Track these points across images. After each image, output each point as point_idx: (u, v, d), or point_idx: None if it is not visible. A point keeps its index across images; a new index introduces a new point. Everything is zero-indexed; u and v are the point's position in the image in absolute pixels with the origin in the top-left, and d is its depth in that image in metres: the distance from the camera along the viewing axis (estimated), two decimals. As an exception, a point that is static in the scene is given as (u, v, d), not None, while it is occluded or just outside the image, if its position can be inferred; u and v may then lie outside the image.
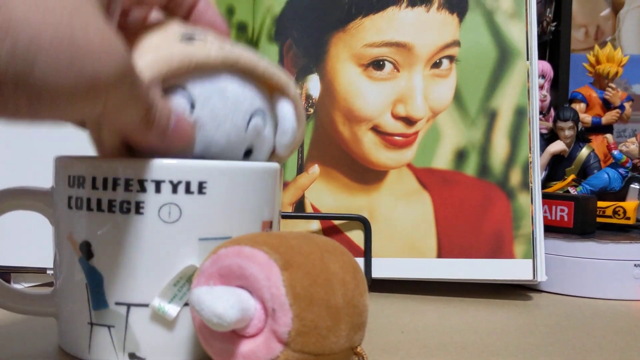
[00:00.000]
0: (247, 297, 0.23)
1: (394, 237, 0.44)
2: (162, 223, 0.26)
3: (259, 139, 0.29)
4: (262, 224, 0.29)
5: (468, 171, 0.44)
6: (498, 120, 0.44)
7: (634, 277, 0.45)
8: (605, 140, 0.67)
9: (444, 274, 0.43)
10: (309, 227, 0.44)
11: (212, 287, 0.23)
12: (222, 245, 0.24)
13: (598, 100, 0.68)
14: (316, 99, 0.45)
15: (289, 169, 0.45)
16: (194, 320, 0.24)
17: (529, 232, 0.43)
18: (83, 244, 0.26)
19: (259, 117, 0.28)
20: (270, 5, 0.47)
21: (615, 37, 1.07)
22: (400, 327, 0.35)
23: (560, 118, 0.61)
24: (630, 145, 0.56)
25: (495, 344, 0.33)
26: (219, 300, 0.22)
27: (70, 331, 0.28)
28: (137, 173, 0.26)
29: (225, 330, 0.23)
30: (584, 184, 0.54)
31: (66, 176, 0.27)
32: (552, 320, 0.38)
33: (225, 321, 0.22)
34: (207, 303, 0.22)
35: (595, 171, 0.57)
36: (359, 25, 0.45)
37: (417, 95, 0.44)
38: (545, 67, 0.68)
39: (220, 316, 0.22)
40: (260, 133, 0.29)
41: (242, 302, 0.23)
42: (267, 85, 0.29)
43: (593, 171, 0.57)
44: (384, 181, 0.44)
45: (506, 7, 0.45)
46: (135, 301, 0.26)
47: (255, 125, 0.28)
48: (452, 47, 0.45)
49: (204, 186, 0.26)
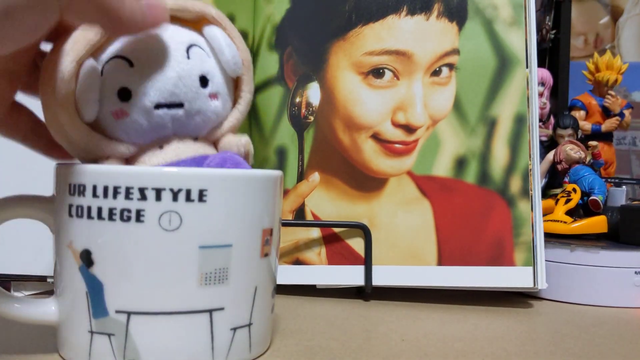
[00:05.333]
0: None
1: (394, 245, 0.44)
2: (163, 231, 0.26)
3: (208, 65, 0.30)
4: (263, 232, 0.29)
5: (468, 179, 0.44)
6: (498, 127, 0.44)
7: (634, 284, 0.45)
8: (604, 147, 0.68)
9: (444, 281, 0.43)
10: (309, 235, 0.44)
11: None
12: None
13: (598, 108, 0.68)
14: (316, 106, 0.45)
15: (289, 177, 0.45)
16: None
17: (529, 239, 0.43)
18: (83, 252, 0.26)
19: (196, 47, 0.29)
20: (270, 14, 0.47)
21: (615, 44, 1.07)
22: (401, 334, 0.35)
23: (560, 125, 0.61)
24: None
25: (495, 352, 0.32)
26: None
27: (71, 339, 0.28)
28: (137, 181, 0.26)
29: None
30: (597, 193, 0.53)
31: (67, 184, 0.27)
32: (552, 327, 0.38)
33: None
34: None
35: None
36: (358, 34, 0.45)
37: (417, 103, 0.44)
38: (545, 74, 0.68)
39: None
40: (205, 60, 0.30)
41: None
42: (190, 23, 0.31)
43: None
44: (384, 189, 0.44)
45: (505, 16, 0.45)
46: (135, 309, 0.26)
47: (196, 52, 0.29)
48: (452, 55, 0.45)
49: (204, 194, 0.26)
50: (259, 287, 0.29)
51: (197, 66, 0.29)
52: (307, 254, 0.44)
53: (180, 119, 0.29)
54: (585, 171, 0.53)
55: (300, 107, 0.46)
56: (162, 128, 0.29)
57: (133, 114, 0.28)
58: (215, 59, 0.30)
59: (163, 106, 0.28)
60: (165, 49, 0.28)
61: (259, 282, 0.29)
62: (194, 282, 0.26)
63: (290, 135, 0.46)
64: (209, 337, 0.27)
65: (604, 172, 0.66)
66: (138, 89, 0.28)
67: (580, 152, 0.55)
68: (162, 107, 0.28)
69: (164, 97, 0.28)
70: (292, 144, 0.45)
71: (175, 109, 0.28)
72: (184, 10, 0.30)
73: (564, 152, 0.55)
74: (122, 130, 0.28)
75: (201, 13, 0.30)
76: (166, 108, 0.28)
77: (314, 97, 0.45)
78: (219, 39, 0.30)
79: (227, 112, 0.31)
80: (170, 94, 0.28)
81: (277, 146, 0.46)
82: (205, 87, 0.29)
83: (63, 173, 0.28)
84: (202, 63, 0.29)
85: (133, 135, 0.29)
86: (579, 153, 0.55)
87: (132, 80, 0.28)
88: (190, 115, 0.29)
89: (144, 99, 0.28)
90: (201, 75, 0.29)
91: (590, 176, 0.52)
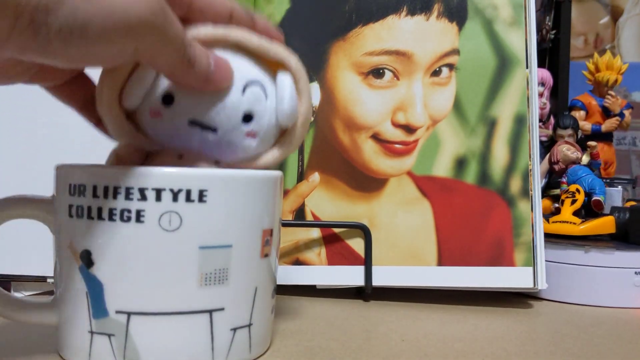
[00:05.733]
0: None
1: (394, 245, 0.44)
2: (163, 231, 0.26)
3: (259, 106, 0.29)
4: (263, 232, 0.29)
5: (468, 179, 0.44)
6: (498, 128, 0.44)
7: (634, 284, 0.45)
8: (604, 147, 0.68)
9: (444, 281, 0.43)
10: (309, 235, 0.44)
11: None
12: None
13: (598, 108, 0.68)
14: (316, 107, 0.45)
15: (289, 177, 0.45)
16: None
17: (530, 239, 0.43)
18: (83, 252, 0.26)
19: (256, 86, 0.29)
20: (270, 14, 0.47)
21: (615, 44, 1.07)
22: (401, 335, 0.35)
23: (560, 126, 0.61)
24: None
25: (495, 352, 0.32)
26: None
27: (71, 340, 0.28)
28: (137, 181, 0.26)
29: None
30: (598, 193, 0.53)
31: (67, 184, 0.27)
32: (552, 328, 0.38)
33: None
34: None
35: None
36: (359, 34, 0.45)
37: (417, 103, 0.44)
38: (545, 74, 0.68)
39: None
40: (260, 101, 0.29)
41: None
42: (269, 64, 0.30)
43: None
44: (384, 189, 0.44)
45: (505, 16, 0.45)
46: (135, 310, 0.26)
47: (253, 91, 0.29)
48: (452, 55, 0.45)
49: (204, 194, 0.26)
50: (259, 287, 0.29)
51: (247, 103, 0.29)
52: (307, 254, 0.44)
53: (209, 143, 0.29)
54: (583, 171, 0.52)
55: (300, 107, 0.45)
56: (187, 142, 0.29)
57: (167, 119, 0.28)
58: (273, 102, 0.30)
59: (197, 125, 0.28)
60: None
61: (259, 283, 0.29)
62: (194, 283, 0.26)
63: (290, 136, 0.45)
64: (209, 338, 0.27)
65: (604, 172, 0.66)
66: (181, 100, 0.28)
67: (577, 152, 0.55)
68: (196, 126, 0.28)
69: (201, 117, 0.28)
70: (292, 144, 0.45)
71: (207, 131, 0.28)
72: (267, 51, 0.30)
73: (561, 153, 0.55)
74: (151, 127, 0.29)
75: (284, 61, 0.30)
76: (199, 127, 0.28)
77: (314, 97, 0.45)
78: (285, 88, 0.30)
79: (262, 151, 0.31)
80: (208, 117, 0.28)
81: (277, 146, 0.46)
82: (247, 124, 0.29)
83: (63, 173, 0.28)
84: (254, 102, 0.29)
85: (160, 135, 0.29)
86: (576, 153, 0.55)
87: (180, 91, 0.28)
88: (220, 143, 0.29)
89: (182, 111, 0.28)
90: (247, 112, 0.29)
91: (590, 176, 0.52)
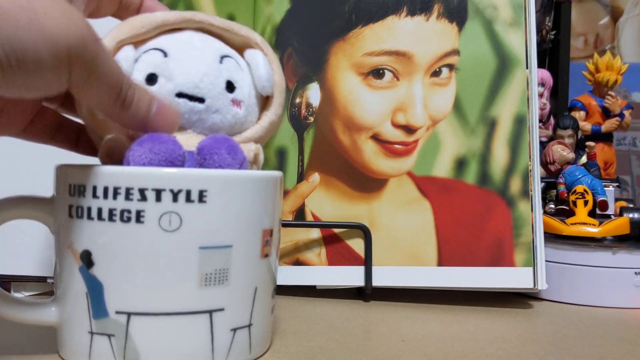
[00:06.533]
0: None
1: (394, 246, 0.44)
2: (163, 232, 0.26)
3: (238, 75, 0.31)
4: (263, 232, 0.29)
5: (468, 179, 0.44)
6: (498, 128, 0.44)
7: (634, 285, 0.45)
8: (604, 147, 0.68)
9: (444, 282, 0.43)
10: (309, 235, 0.44)
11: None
12: None
13: (598, 108, 0.68)
14: (316, 107, 0.45)
15: (289, 177, 0.45)
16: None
17: (529, 240, 0.43)
18: (83, 252, 0.26)
19: (231, 59, 0.31)
20: (270, 14, 0.47)
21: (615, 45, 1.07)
22: (401, 335, 0.35)
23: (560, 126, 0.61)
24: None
25: (496, 353, 0.32)
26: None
27: (71, 340, 0.28)
28: (137, 182, 0.26)
29: None
30: (601, 194, 0.52)
31: (67, 185, 0.27)
32: (552, 328, 0.38)
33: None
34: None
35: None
36: (359, 34, 0.45)
37: (417, 103, 0.44)
38: (545, 75, 0.68)
39: None
40: (237, 71, 0.31)
41: None
42: (232, 46, 0.32)
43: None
44: (384, 189, 0.44)
45: (505, 16, 0.45)
46: (135, 310, 0.26)
47: (229, 61, 0.30)
48: (452, 55, 0.45)
49: (204, 195, 0.26)
50: (259, 287, 0.29)
51: (227, 72, 0.30)
52: (307, 254, 0.44)
53: (199, 114, 0.29)
54: (580, 172, 0.52)
55: (300, 108, 0.46)
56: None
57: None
58: (249, 76, 0.31)
59: (184, 96, 0.29)
60: (202, 50, 0.30)
61: (259, 283, 0.29)
62: (194, 283, 0.26)
63: (290, 136, 0.46)
64: (209, 338, 0.27)
65: (604, 172, 0.66)
66: (164, 75, 0.29)
67: (571, 152, 0.55)
68: (184, 97, 0.29)
69: (188, 87, 0.29)
70: (292, 144, 0.45)
71: (195, 102, 0.29)
72: (230, 30, 0.32)
73: (556, 153, 0.55)
74: None
75: (246, 36, 0.32)
76: (187, 99, 0.29)
77: (314, 97, 0.45)
78: (257, 58, 0.32)
79: (250, 124, 0.32)
80: (194, 86, 0.29)
81: (277, 147, 0.46)
82: (230, 92, 0.30)
83: (63, 174, 0.28)
84: (233, 71, 0.30)
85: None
86: (571, 153, 0.55)
87: (161, 67, 0.29)
88: (209, 112, 0.29)
89: (167, 84, 0.29)
90: (229, 80, 0.30)
91: (588, 177, 0.52)
